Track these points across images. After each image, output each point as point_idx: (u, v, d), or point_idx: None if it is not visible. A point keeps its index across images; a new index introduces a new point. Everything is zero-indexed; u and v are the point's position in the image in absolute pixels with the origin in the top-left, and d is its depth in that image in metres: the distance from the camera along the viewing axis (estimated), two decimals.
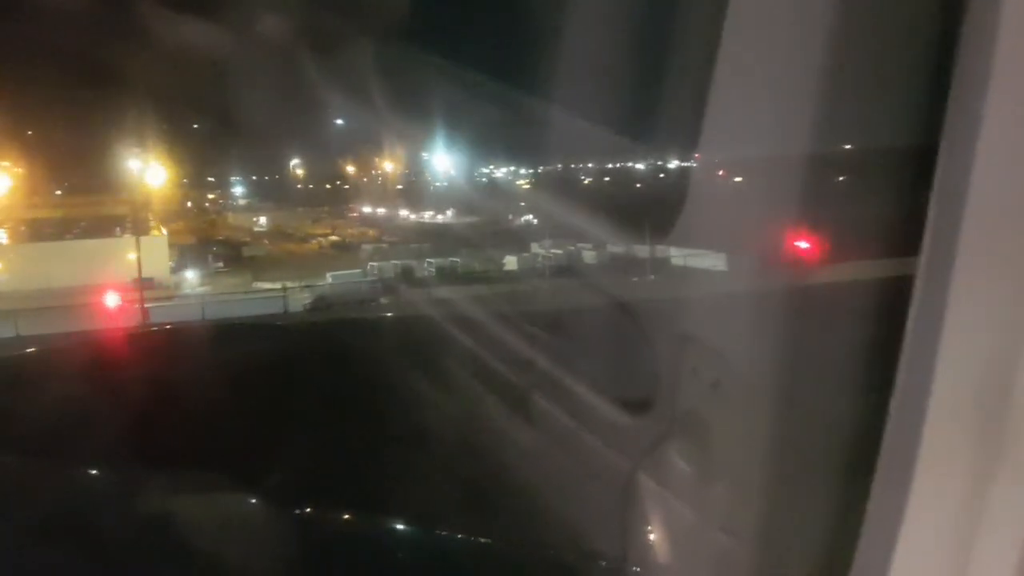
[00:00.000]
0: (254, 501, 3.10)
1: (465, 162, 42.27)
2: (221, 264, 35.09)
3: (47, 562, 2.41)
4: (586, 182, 38.02)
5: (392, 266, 31.71)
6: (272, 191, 48.09)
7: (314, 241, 40.77)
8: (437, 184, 43.66)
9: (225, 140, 44.12)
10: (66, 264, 28.64)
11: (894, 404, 1.56)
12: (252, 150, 47.41)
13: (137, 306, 25.56)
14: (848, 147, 2.45)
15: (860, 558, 1.62)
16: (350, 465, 3.92)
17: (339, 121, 38.71)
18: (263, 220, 44.22)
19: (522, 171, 42.04)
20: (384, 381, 4.51)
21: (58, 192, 42.59)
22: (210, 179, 48.52)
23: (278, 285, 29.81)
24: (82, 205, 40.24)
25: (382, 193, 44.83)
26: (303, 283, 29.75)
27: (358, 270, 31.49)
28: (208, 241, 38.57)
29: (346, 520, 3.26)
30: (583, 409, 3.51)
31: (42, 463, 3.21)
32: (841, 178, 2.51)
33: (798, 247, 2.51)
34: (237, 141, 45.00)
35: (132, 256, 31.04)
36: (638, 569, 2.72)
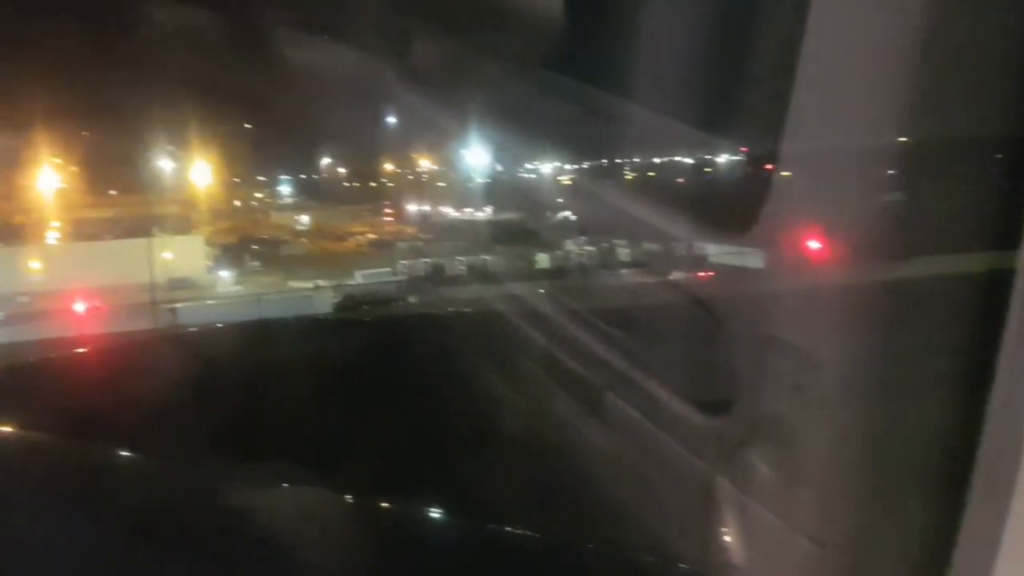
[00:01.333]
0: (330, 493, 3.18)
1: (509, 158, 41.95)
2: (258, 263, 35.26)
3: (137, 551, 2.45)
4: (629, 177, 37.28)
5: (423, 264, 31.57)
6: (318, 189, 48.31)
7: (352, 239, 40.81)
8: (480, 181, 43.43)
9: (276, 140, 44.57)
10: (101, 264, 28.90)
11: (992, 405, 1.49)
12: (301, 149, 47.83)
13: (160, 308, 25.66)
14: (906, 140, 2.29)
15: (956, 570, 1.53)
16: (424, 459, 4.07)
17: (390, 119, 38.93)
18: (305, 218, 44.42)
19: (567, 166, 41.55)
20: (457, 376, 4.61)
21: (113, 191, 43.28)
22: (260, 178, 48.99)
23: (311, 284, 29.88)
24: (133, 204, 40.77)
25: (424, 190, 44.84)
26: (334, 282, 29.76)
27: (387, 269, 31.40)
28: (249, 240, 38.84)
29: (419, 513, 3.27)
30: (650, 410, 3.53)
31: (134, 456, 3.33)
32: (900, 171, 2.36)
33: (853, 242, 2.38)
34: (287, 140, 45.47)
35: (168, 255, 31.37)
36: (717, 574, 2.70)
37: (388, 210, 45.10)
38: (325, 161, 49.70)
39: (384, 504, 3.28)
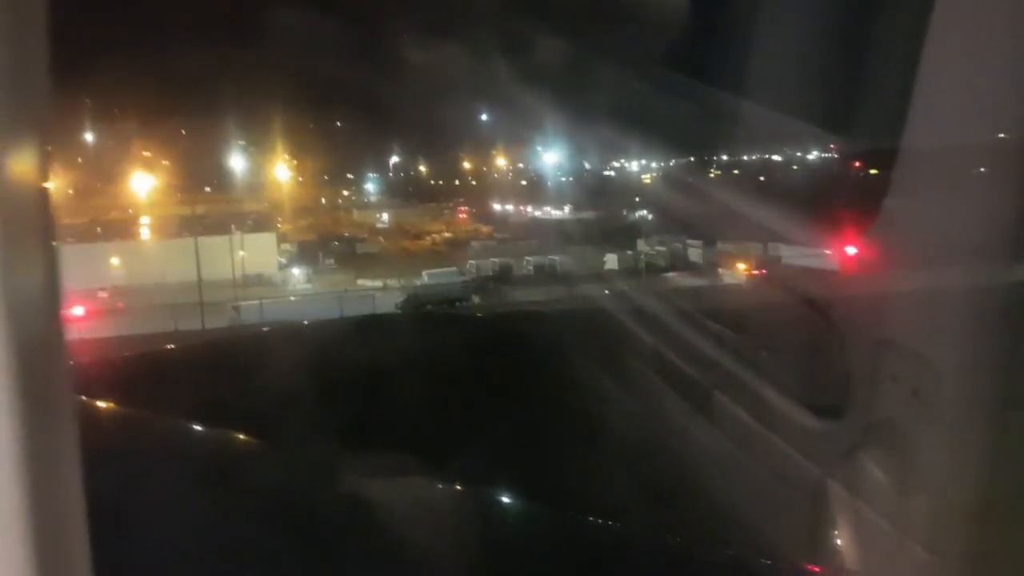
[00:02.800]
0: (443, 485, 3.23)
1: (596, 156, 41.45)
2: (332, 261, 35.39)
3: (250, 534, 2.52)
4: (712, 175, 36.29)
5: (491, 264, 31.26)
6: (403, 187, 48.59)
7: (428, 238, 40.72)
8: (563, 179, 42.94)
9: (367, 139, 45.15)
10: (179, 261, 29.40)
11: None
12: (391, 148, 48.40)
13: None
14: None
15: None
16: (535, 454, 4.11)
17: (482, 117, 38.90)
18: (386, 216, 44.59)
19: (653, 164, 40.79)
20: (570, 372, 4.64)
21: (207, 188, 44.39)
22: (349, 176, 49.61)
23: (379, 283, 29.89)
24: (223, 202, 41.70)
25: (505, 189, 44.61)
26: (403, 281, 29.68)
27: (454, 268, 31.11)
28: (327, 237, 39.10)
29: (529, 508, 3.34)
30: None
31: (254, 442, 3.42)
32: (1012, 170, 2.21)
33: (959, 241, 2.29)
34: (378, 140, 46.08)
35: (241, 253, 31.82)
36: None
37: (467, 209, 44.95)
38: (412, 160, 50.10)
39: (494, 496, 3.35)
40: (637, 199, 36.50)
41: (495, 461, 3.80)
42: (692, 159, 36.19)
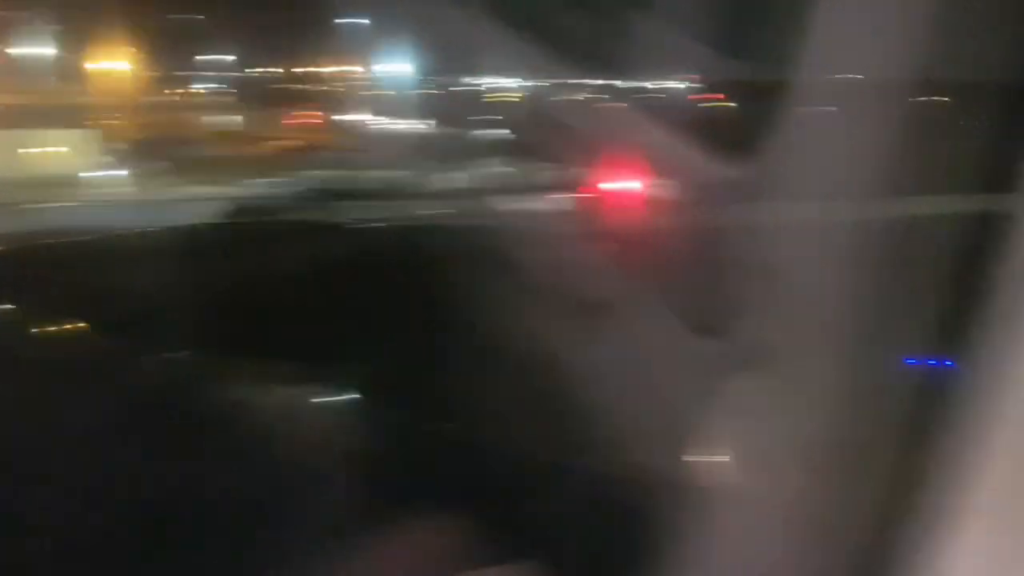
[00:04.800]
0: (315, 394, 3.54)
1: (462, 71, 40.07)
2: (159, 164, 33.19)
3: (126, 435, 2.79)
4: (576, 99, 35.56)
5: (317, 176, 29.76)
6: (252, 91, 46.27)
7: (266, 144, 38.83)
8: (422, 92, 41.56)
9: (219, 36, 42.46)
10: None
11: (980, 353, 1.61)
12: (242, 48, 45.76)
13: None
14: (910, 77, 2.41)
15: (932, 501, 1.65)
16: (414, 369, 4.36)
17: (346, 20, 36.89)
18: (225, 119, 42.34)
19: (526, 83, 39.97)
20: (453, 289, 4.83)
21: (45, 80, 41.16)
22: (202, 74, 46.93)
23: (202, 190, 28.18)
24: (49, 93, 38.62)
25: (360, 99, 42.94)
26: (223, 190, 28.12)
27: (279, 179, 29.54)
28: (155, 139, 36.77)
29: (402, 420, 3.59)
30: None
31: (128, 345, 3.67)
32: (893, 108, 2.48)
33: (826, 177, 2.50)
34: (230, 37, 43.46)
35: (53, 151, 29.40)
36: (705, 496, 2.87)
37: (316, 117, 43.13)
38: (266, 62, 47.73)
39: (373, 408, 3.61)
40: (494, 117, 35.56)
41: (372, 375, 3.97)
42: (563, 81, 35.44)
